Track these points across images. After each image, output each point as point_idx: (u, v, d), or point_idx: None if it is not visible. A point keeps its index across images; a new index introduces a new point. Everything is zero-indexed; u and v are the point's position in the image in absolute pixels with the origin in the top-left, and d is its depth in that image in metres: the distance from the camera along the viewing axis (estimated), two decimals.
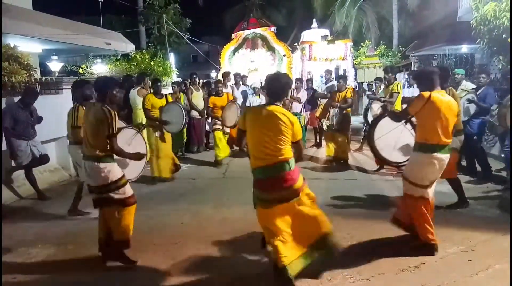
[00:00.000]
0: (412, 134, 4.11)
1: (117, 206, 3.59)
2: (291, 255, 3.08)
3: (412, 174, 3.70)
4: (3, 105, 5.68)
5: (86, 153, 3.59)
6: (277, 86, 3.21)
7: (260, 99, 9.33)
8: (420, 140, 3.68)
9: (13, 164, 5.75)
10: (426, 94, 3.56)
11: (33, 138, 5.71)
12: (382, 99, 6.79)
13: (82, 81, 5.35)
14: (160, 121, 6.35)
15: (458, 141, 4.68)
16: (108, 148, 3.52)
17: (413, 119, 3.97)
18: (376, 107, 6.71)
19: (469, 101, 5.96)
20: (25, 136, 5.60)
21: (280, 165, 3.07)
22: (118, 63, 11.88)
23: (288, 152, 3.10)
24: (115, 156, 3.64)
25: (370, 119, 6.66)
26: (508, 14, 6.71)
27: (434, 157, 3.56)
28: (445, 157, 3.61)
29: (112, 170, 3.55)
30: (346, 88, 7.49)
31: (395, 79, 7.10)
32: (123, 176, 3.64)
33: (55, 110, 6.35)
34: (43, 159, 5.85)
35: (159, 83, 6.78)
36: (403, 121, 4.17)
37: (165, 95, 6.90)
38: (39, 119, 5.90)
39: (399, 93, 6.74)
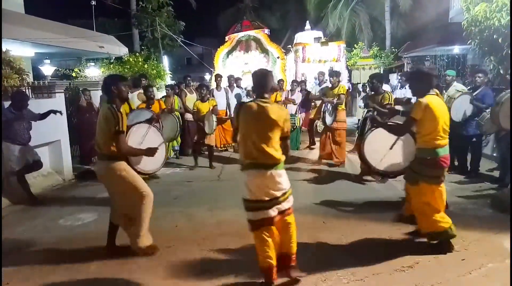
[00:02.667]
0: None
1: None
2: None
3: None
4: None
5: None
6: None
7: None
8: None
9: (6, 170, 5.69)
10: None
11: (26, 143, 5.67)
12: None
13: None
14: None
15: None
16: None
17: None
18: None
19: (471, 102, 5.92)
20: (19, 141, 5.56)
21: None
22: (111, 66, 11.86)
23: None
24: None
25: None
26: (499, 15, 6.77)
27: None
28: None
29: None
30: (339, 85, 7.51)
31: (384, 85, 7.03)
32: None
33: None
34: (36, 165, 5.80)
35: (151, 89, 6.65)
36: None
37: (158, 100, 6.83)
38: (42, 116, 5.87)
39: (391, 104, 6.15)
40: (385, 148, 4.15)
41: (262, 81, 3.15)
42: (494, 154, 7.13)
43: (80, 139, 7.98)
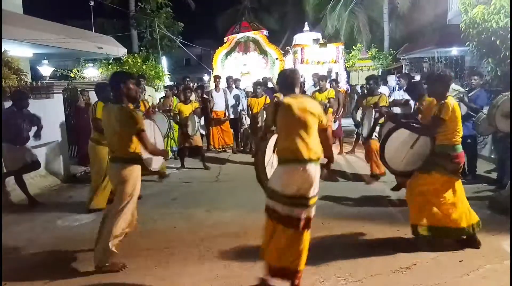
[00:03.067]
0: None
1: None
2: None
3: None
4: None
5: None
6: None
7: None
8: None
9: (4, 170, 5.68)
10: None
11: (25, 144, 5.66)
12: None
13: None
14: None
15: None
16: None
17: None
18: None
19: (459, 99, 5.98)
20: (18, 142, 5.55)
21: None
22: (110, 67, 11.85)
23: None
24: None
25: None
26: (497, 17, 6.79)
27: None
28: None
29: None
30: (327, 89, 7.64)
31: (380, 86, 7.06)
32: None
33: (46, 115, 6.31)
34: (35, 165, 5.80)
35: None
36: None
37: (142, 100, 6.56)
38: (38, 121, 5.83)
39: (387, 106, 6.08)
40: (405, 148, 3.99)
41: (292, 79, 3.18)
42: (492, 156, 7.15)
43: (78, 140, 7.96)
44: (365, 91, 7.16)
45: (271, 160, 3.26)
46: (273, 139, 3.23)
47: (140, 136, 3.42)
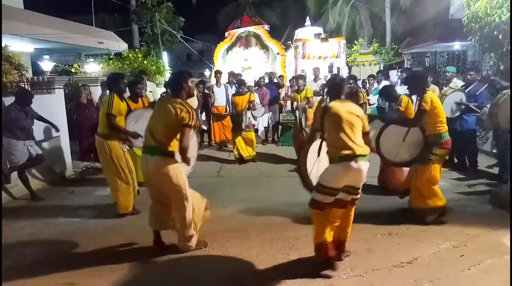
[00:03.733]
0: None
1: None
2: None
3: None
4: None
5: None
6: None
7: (254, 97, 9.30)
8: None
9: (8, 165, 5.70)
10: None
11: (29, 139, 5.69)
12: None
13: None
14: (125, 132, 4.90)
15: None
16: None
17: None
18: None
19: (458, 104, 6.03)
20: (22, 137, 5.57)
21: None
22: (111, 62, 11.81)
23: None
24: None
25: None
26: (499, 11, 6.75)
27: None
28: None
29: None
30: (305, 87, 7.77)
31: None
32: None
33: (47, 110, 6.31)
34: (39, 159, 5.82)
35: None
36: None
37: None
38: (41, 118, 5.97)
39: (366, 103, 6.57)
40: (398, 142, 4.44)
41: (340, 87, 3.51)
42: (493, 151, 7.14)
43: (79, 135, 7.97)
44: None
45: (314, 162, 3.58)
46: (316, 143, 3.57)
47: (187, 131, 3.44)
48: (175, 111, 3.41)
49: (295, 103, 7.91)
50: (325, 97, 6.43)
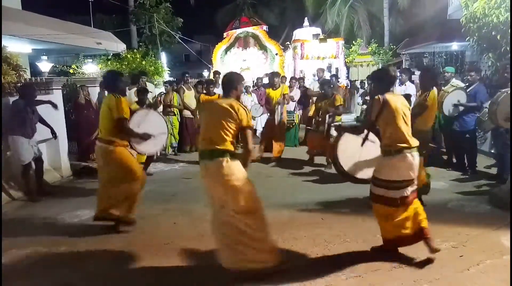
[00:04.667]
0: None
1: None
2: None
3: None
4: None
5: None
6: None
7: (252, 98, 9.32)
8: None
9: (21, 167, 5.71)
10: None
11: (33, 137, 5.71)
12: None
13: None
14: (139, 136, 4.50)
15: None
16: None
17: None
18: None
19: (455, 105, 6.05)
20: (28, 134, 5.59)
21: None
22: (109, 62, 11.80)
23: None
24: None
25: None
26: (498, 12, 6.77)
27: None
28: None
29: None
30: (281, 85, 7.97)
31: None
32: None
33: (45, 111, 6.28)
34: (41, 159, 5.83)
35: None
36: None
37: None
38: (41, 119, 5.96)
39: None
40: (357, 152, 4.05)
41: (389, 80, 3.69)
42: (492, 151, 7.14)
43: (78, 136, 7.95)
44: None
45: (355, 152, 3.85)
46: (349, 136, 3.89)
47: (247, 133, 3.36)
48: (235, 112, 3.28)
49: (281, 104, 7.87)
50: (370, 90, 6.45)
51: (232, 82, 3.52)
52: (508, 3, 6.56)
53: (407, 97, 5.50)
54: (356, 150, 4.03)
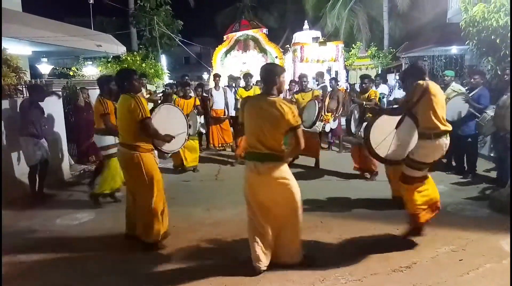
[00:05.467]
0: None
1: None
2: None
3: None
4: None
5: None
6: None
7: None
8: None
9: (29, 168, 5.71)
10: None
11: (42, 138, 5.74)
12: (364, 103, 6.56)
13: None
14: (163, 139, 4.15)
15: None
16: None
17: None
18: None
19: (466, 101, 5.99)
20: (37, 135, 5.61)
21: None
22: (109, 65, 11.81)
23: None
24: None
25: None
26: (497, 16, 6.79)
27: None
28: None
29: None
30: (253, 86, 8.12)
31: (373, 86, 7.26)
32: None
33: (45, 113, 6.28)
34: (47, 161, 5.84)
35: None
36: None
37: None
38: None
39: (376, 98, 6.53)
40: (390, 135, 4.18)
41: (424, 68, 3.91)
42: (492, 155, 7.15)
43: (77, 138, 7.95)
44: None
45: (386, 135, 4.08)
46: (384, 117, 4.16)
47: (297, 132, 3.20)
48: (281, 112, 3.12)
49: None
50: (402, 81, 6.45)
51: (270, 75, 3.28)
52: (508, 7, 6.58)
53: None
54: (388, 132, 4.19)
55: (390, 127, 4.17)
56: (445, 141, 3.73)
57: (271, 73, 3.30)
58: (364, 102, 6.47)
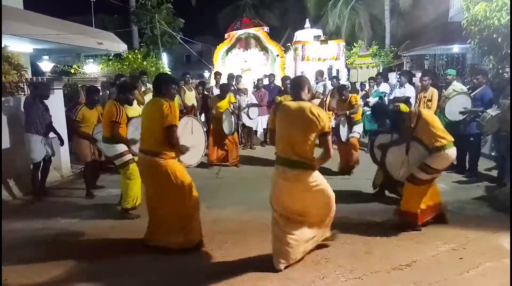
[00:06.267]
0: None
1: None
2: None
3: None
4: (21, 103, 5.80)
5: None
6: None
7: (248, 99, 9.33)
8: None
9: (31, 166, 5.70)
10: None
11: (47, 135, 5.74)
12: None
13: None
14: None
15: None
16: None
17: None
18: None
19: (462, 113, 6.01)
20: (42, 132, 5.62)
21: None
22: (110, 63, 11.81)
23: None
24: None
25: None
26: (499, 14, 6.77)
27: None
28: None
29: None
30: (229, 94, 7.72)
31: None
32: None
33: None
34: (50, 159, 5.85)
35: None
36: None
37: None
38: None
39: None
40: (401, 158, 4.34)
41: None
42: (492, 154, 7.14)
43: None
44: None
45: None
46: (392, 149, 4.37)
47: (327, 138, 3.27)
48: (316, 117, 3.17)
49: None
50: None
51: (303, 82, 3.39)
52: (509, 6, 6.56)
53: (406, 99, 5.52)
54: (400, 158, 4.34)
55: (401, 153, 4.34)
56: (454, 150, 4.14)
57: (303, 80, 3.46)
58: (348, 112, 6.77)
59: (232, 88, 9.33)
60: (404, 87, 7.87)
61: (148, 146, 3.71)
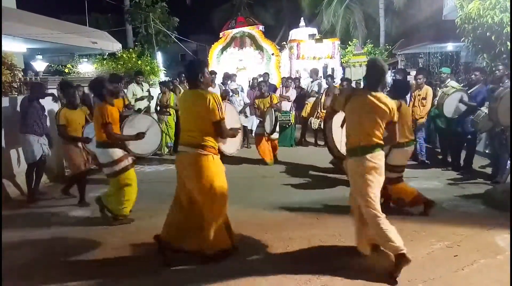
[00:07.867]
0: None
1: None
2: None
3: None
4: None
5: None
6: None
7: (240, 98, 9.33)
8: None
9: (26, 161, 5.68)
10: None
11: (43, 135, 5.70)
12: None
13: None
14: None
15: None
16: None
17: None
18: None
19: (461, 101, 6.02)
20: (39, 132, 5.59)
21: None
22: (104, 62, 11.76)
23: None
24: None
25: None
26: (492, 13, 6.81)
27: None
28: None
29: None
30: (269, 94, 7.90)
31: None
32: None
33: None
34: (44, 159, 5.81)
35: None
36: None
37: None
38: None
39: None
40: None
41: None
42: (487, 151, 7.18)
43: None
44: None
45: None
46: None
47: (395, 126, 3.40)
48: (388, 107, 3.26)
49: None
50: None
51: (377, 74, 3.34)
52: (503, 4, 6.60)
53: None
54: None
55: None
56: (412, 148, 4.63)
57: (379, 69, 3.34)
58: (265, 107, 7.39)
59: (224, 88, 9.32)
60: None
61: (193, 140, 3.49)
